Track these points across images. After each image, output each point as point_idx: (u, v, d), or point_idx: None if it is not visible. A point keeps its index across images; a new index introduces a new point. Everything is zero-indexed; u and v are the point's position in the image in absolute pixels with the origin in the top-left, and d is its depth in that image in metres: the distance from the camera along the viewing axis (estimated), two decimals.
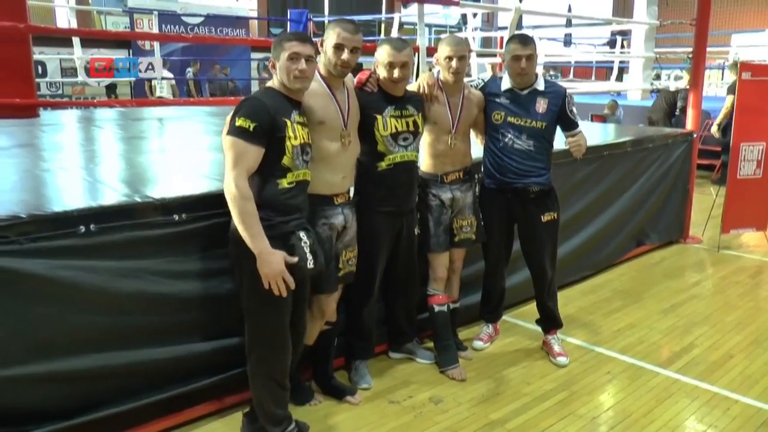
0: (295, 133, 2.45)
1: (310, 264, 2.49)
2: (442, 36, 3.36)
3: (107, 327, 2.50)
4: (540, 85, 3.32)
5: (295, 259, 2.40)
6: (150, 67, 10.87)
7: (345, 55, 2.68)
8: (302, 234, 2.49)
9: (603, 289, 4.65)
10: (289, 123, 2.43)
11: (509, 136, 3.30)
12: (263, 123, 2.34)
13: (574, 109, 3.35)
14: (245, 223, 2.32)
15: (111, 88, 12.56)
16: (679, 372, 3.41)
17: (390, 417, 2.94)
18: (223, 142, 2.38)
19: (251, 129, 2.32)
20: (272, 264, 2.33)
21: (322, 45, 2.74)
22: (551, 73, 14.89)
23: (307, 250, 2.48)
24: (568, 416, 2.98)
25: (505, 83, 3.34)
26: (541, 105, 3.29)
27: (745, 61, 5.93)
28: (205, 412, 2.85)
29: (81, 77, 10.11)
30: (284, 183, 2.44)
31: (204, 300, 2.74)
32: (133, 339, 2.58)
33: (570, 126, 3.35)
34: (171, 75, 12.14)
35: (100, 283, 2.43)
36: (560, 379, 3.33)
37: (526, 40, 3.26)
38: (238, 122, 2.33)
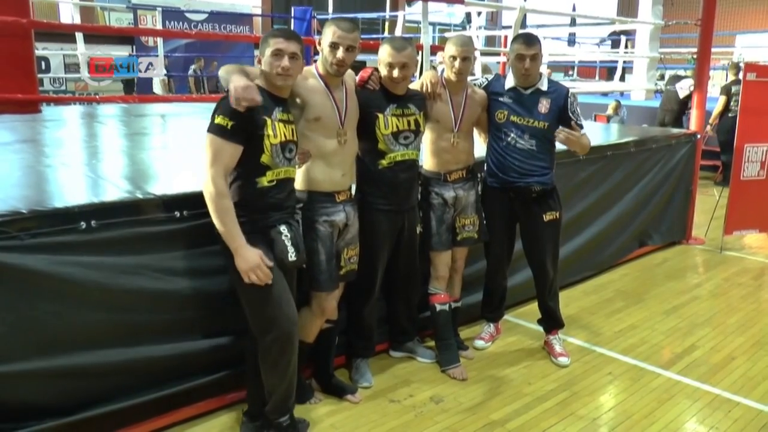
0: (275, 132, 2.42)
1: (291, 257, 2.48)
2: (447, 34, 3.36)
3: (107, 323, 2.50)
4: (543, 85, 3.30)
5: (271, 264, 2.41)
6: (150, 66, 10.86)
7: (340, 54, 2.66)
8: (283, 227, 2.48)
9: (605, 290, 4.64)
10: (269, 121, 2.41)
11: (512, 135, 3.29)
12: (241, 121, 2.33)
13: (577, 110, 3.32)
14: (221, 219, 2.34)
15: (129, 85, 12.58)
16: (681, 373, 3.40)
17: (390, 416, 2.93)
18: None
19: (229, 127, 2.31)
20: (248, 259, 2.35)
21: (320, 43, 2.73)
22: (569, 73, 14.78)
23: (288, 243, 2.47)
24: (568, 417, 2.97)
25: (509, 82, 3.32)
26: (544, 105, 3.27)
27: (749, 62, 5.91)
28: (205, 410, 2.85)
29: (84, 73, 10.11)
30: (264, 181, 2.43)
31: (205, 297, 2.74)
32: (133, 336, 2.57)
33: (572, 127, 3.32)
34: (163, 71, 12.13)
35: (100, 280, 2.43)
36: (561, 380, 3.32)
37: (530, 40, 3.24)
38: (217, 120, 2.33)
